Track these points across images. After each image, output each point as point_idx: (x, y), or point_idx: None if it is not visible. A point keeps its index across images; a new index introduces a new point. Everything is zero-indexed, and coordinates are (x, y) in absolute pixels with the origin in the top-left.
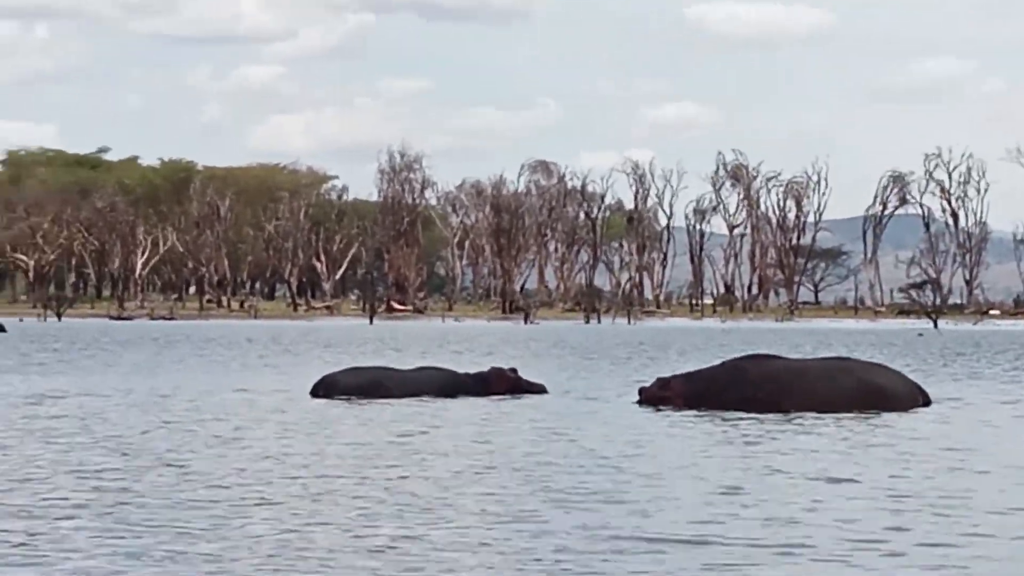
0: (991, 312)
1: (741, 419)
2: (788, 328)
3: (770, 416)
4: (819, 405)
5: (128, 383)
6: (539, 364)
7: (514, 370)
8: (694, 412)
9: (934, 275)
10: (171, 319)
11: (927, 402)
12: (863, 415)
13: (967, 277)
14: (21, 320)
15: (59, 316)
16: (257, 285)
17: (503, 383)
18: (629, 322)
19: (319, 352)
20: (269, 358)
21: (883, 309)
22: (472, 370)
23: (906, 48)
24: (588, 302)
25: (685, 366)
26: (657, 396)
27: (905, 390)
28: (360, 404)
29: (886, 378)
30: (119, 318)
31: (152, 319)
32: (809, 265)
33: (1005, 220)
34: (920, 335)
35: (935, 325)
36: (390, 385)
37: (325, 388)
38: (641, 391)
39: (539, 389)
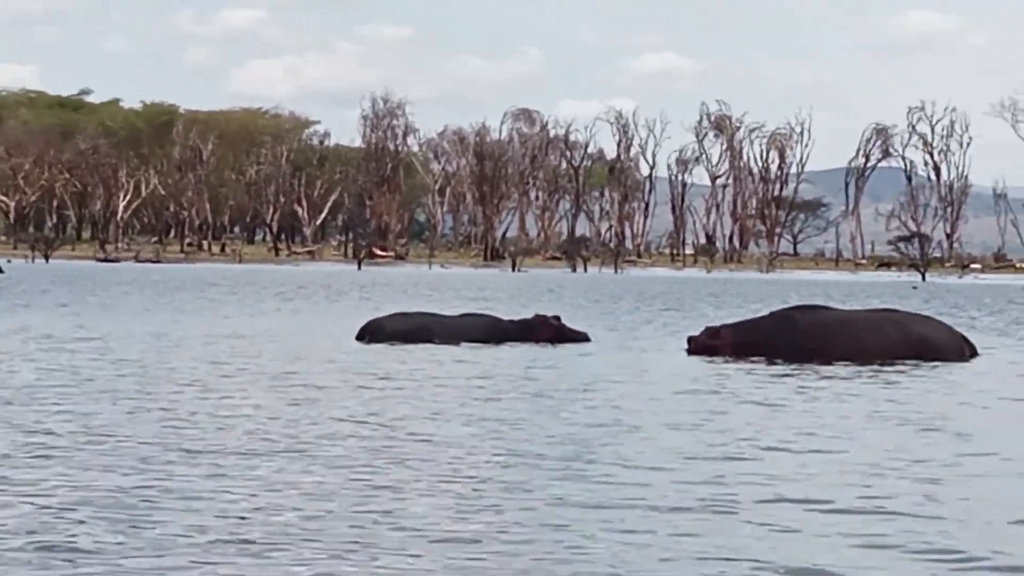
0: (972, 265)
1: (801, 370)
2: (780, 279)
3: (830, 367)
4: (868, 356)
5: (185, 327)
6: (563, 312)
7: (557, 318)
8: (746, 361)
9: (914, 228)
10: (157, 262)
11: (974, 353)
12: (919, 365)
13: (948, 231)
14: (9, 261)
15: (46, 258)
16: (237, 229)
17: (547, 331)
18: (616, 271)
19: (346, 296)
20: (298, 301)
21: (864, 261)
22: (515, 317)
23: (892, 2)
24: (574, 250)
25: (715, 315)
26: (707, 345)
27: (952, 341)
28: (406, 349)
29: (933, 329)
30: (105, 260)
31: (138, 262)
32: (789, 217)
33: (985, 175)
34: (914, 288)
35: (923, 278)
36: (436, 330)
37: (371, 333)
38: (690, 340)
39: (583, 337)
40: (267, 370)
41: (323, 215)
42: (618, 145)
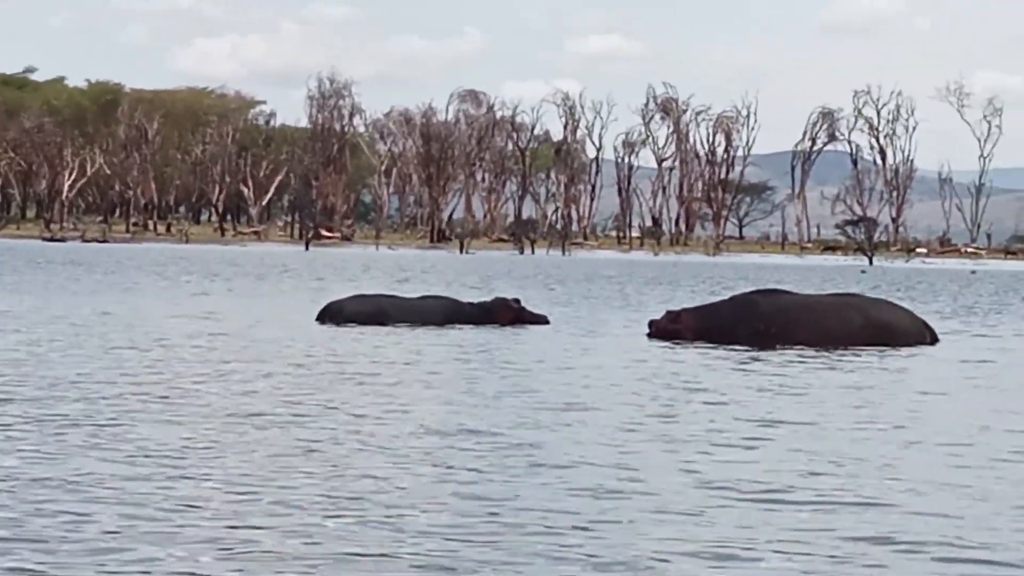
0: (918, 250)
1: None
2: (727, 262)
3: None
4: (829, 340)
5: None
6: (519, 294)
7: (517, 300)
8: (707, 345)
9: (860, 212)
10: (104, 242)
11: (934, 339)
12: (878, 351)
13: (893, 215)
14: None
15: None
16: (183, 209)
17: (507, 313)
18: (563, 253)
19: (300, 278)
20: (253, 282)
21: (810, 245)
22: (474, 299)
23: None
24: (522, 233)
25: (670, 300)
26: (668, 329)
27: (913, 327)
28: (366, 331)
29: (895, 314)
30: (52, 239)
31: (85, 241)
32: (735, 200)
33: (930, 159)
34: (863, 272)
35: (871, 262)
36: (395, 313)
37: (331, 315)
38: (651, 324)
39: (542, 320)
40: (228, 353)
41: (269, 195)
42: (564, 127)
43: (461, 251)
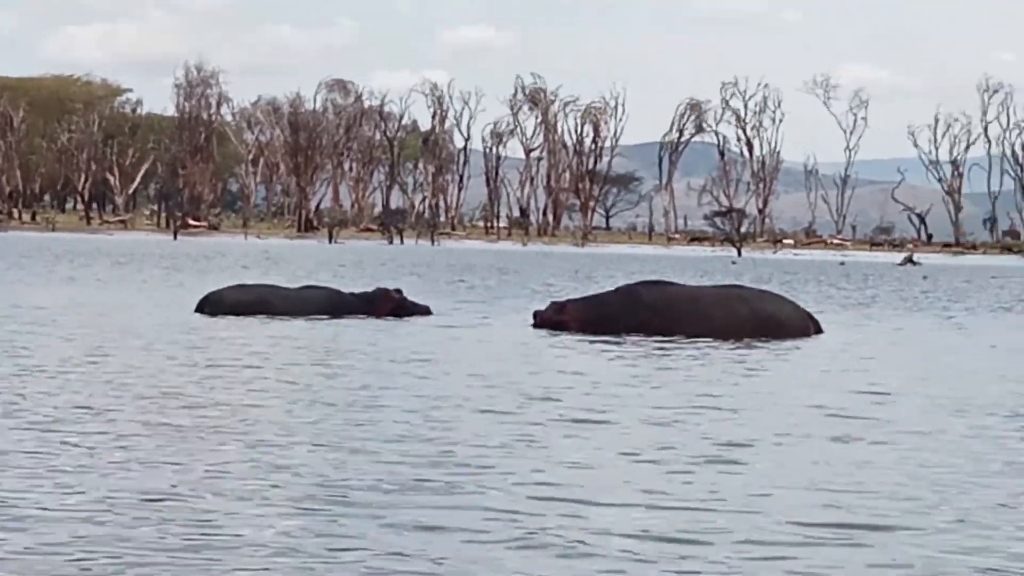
0: (785, 241)
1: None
2: (597, 253)
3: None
4: (713, 332)
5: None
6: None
7: (399, 291)
8: (591, 336)
9: (727, 203)
10: None
11: (819, 330)
12: (758, 342)
13: (759, 206)
14: None
15: None
16: (48, 197)
17: (388, 303)
18: (432, 243)
19: (173, 267)
20: (126, 271)
21: (677, 236)
22: (356, 290)
23: None
24: (390, 222)
25: (551, 289)
26: (552, 320)
27: (798, 318)
28: (245, 321)
29: (780, 306)
30: None
31: None
32: (602, 190)
33: (796, 151)
34: (733, 263)
35: (739, 253)
36: (276, 303)
37: (211, 305)
38: (536, 315)
39: (424, 311)
40: (105, 343)
41: (135, 184)
42: (433, 117)
43: (330, 241)
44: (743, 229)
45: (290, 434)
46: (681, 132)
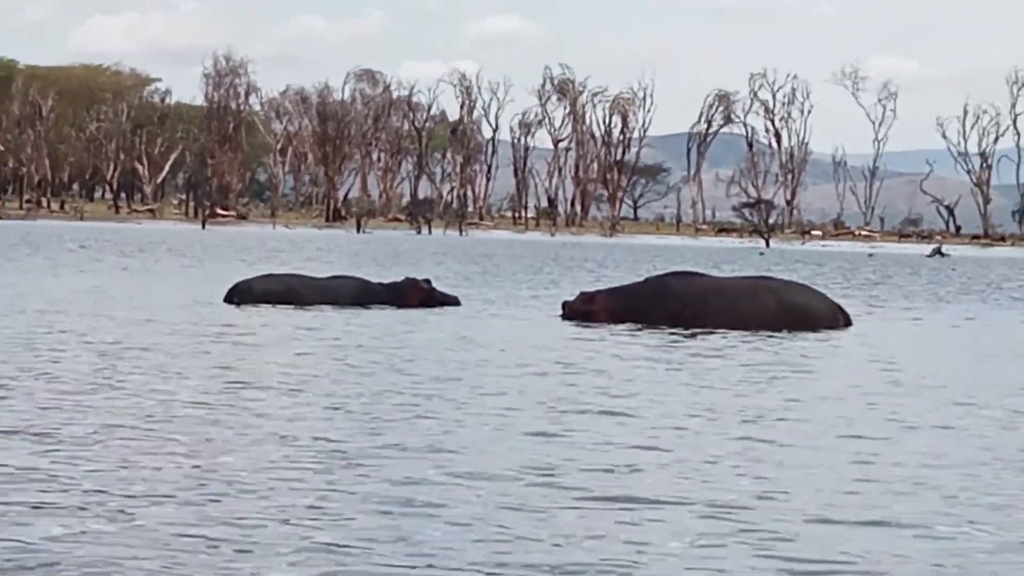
0: (813, 232)
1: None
2: (625, 244)
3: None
4: (742, 323)
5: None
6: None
7: (428, 281)
8: (622, 327)
9: (755, 194)
10: None
11: (848, 322)
12: (787, 334)
13: (788, 197)
14: None
15: None
16: (76, 186)
17: (417, 294)
18: (460, 233)
19: (203, 257)
20: (158, 261)
21: (705, 227)
22: (385, 280)
23: None
24: (418, 212)
25: (582, 281)
26: (581, 311)
27: (828, 310)
28: (275, 311)
29: (809, 298)
30: None
31: None
32: (631, 181)
33: (825, 142)
34: (761, 254)
35: (767, 244)
36: (305, 292)
37: (240, 294)
38: (565, 305)
39: (453, 301)
40: (133, 332)
41: (164, 173)
42: (461, 107)
43: (358, 230)
44: (771, 220)
45: (307, 430)
46: (709, 123)
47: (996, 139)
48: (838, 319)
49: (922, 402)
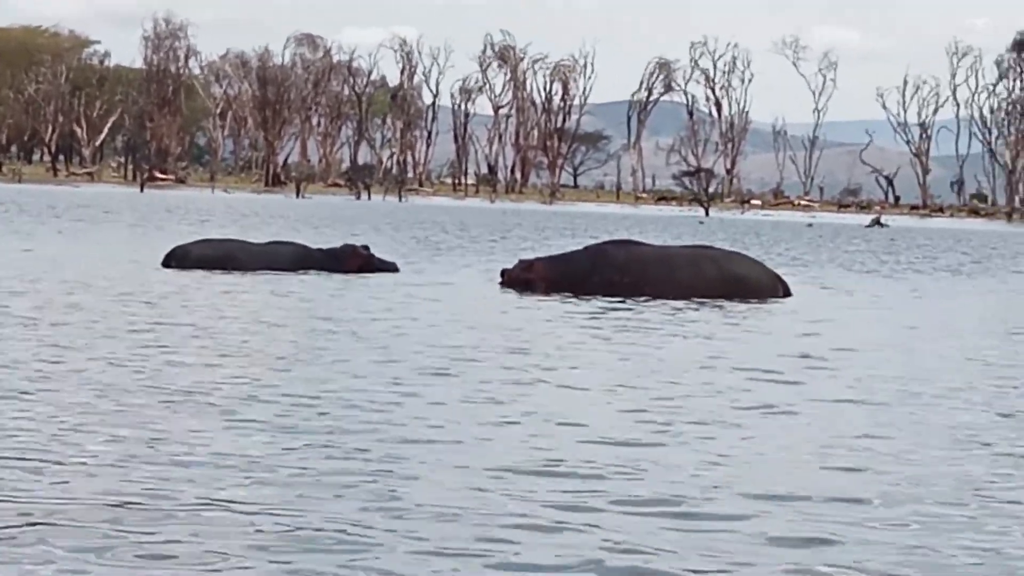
0: (753, 202)
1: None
2: (565, 211)
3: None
4: (682, 292)
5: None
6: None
7: (367, 247)
8: (559, 296)
9: (695, 163)
10: None
11: (787, 293)
12: (725, 303)
13: (727, 166)
14: None
15: None
16: (14, 149)
17: (356, 260)
18: (400, 199)
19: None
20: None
21: (645, 195)
22: (324, 245)
23: None
24: (358, 178)
25: (520, 248)
26: (520, 278)
27: (767, 279)
28: (212, 276)
29: (749, 267)
30: None
31: None
32: (571, 149)
33: (765, 111)
34: (701, 223)
35: (707, 213)
36: (243, 257)
37: (177, 259)
38: (503, 273)
39: (392, 267)
40: (66, 297)
41: (102, 136)
42: (401, 73)
43: (297, 195)
44: (711, 189)
45: (240, 396)
46: (650, 91)
47: (935, 110)
48: (778, 289)
49: (846, 371)
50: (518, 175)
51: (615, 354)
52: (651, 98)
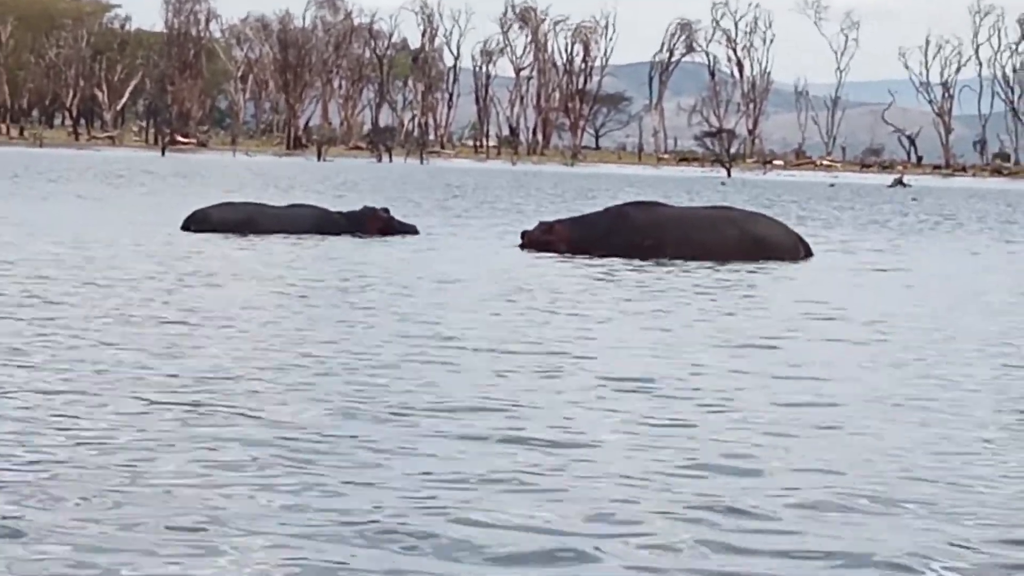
0: (775, 162)
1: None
2: (587, 173)
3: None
4: (703, 254)
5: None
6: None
7: (386, 210)
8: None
9: (716, 124)
10: None
11: (809, 253)
12: (747, 265)
13: (749, 127)
14: None
15: None
16: (36, 113)
17: (376, 222)
18: (421, 162)
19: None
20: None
21: (667, 156)
22: (344, 208)
23: None
24: (379, 140)
25: (543, 210)
26: (540, 240)
27: (789, 241)
28: (232, 239)
29: (770, 228)
30: None
31: None
32: (592, 110)
33: (787, 71)
34: (723, 184)
35: (728, 174)
36: (263, 221)
37: (197, 222)
38: (524, 235)
39: (412, 230)
40: (88, 260)
41: (124, 100)
42: (422, 35)
43: (318, 158)
44: (733, 150)
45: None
46: (671, 52)
47: (958, 69)
48: (799, 250)
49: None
50: (539, 137)
51: (643, 316)
52: (672, 59)
